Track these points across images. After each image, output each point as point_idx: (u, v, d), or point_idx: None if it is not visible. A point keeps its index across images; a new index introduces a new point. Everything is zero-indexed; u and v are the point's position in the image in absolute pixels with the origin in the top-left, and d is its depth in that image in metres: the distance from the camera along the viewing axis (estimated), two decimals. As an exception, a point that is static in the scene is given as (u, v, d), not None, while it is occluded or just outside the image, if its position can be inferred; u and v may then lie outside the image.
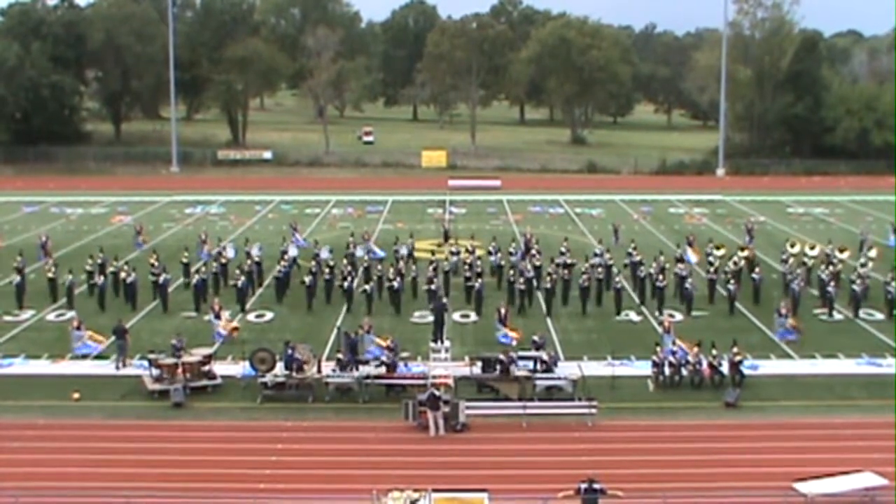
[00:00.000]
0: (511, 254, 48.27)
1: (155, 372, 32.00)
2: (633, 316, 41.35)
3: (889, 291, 41.15)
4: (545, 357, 32.07)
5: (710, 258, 46.35)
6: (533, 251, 47.81)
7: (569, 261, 46.00)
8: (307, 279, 42.30)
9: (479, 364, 31.69)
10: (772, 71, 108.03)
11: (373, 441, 27.78)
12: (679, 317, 40.48)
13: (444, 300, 39.13)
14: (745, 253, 48.63)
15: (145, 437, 28.03)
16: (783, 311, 38.07)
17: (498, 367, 31.14)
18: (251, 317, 41.23)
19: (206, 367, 32.42)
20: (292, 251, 49.58)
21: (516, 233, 58.68)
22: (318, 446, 27.43)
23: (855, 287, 41.78)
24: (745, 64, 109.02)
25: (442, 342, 35.57)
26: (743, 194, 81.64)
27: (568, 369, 32.11)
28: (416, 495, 22.44)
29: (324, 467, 25.93)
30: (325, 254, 47.36)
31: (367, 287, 42.07)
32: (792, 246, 49.16)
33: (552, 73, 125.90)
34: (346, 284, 42.15)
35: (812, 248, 49.13)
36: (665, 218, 68.95)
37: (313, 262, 45.09)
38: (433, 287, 41.35)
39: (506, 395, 30.58)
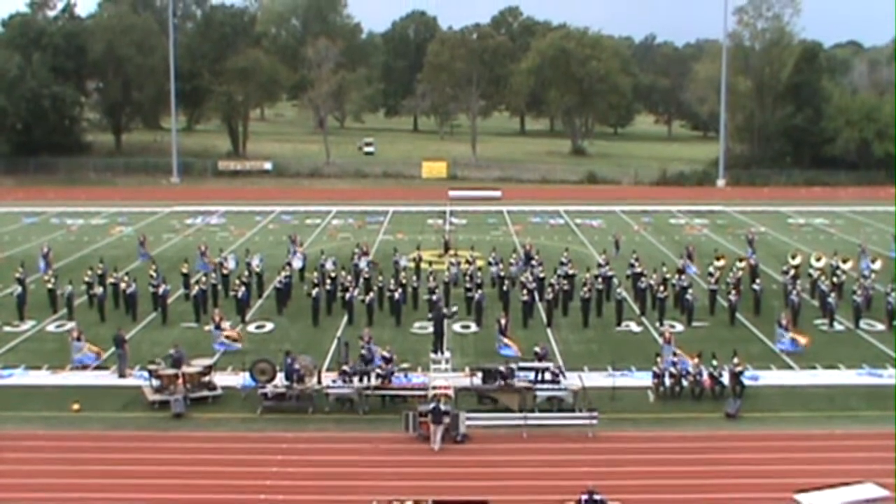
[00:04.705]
0: (511, 265, 48.29)
1: (155, 382, 31.98)
2: (634, 327, 41.33)
3: (889, 302, 41.15)
4: (553, 368, 32.01)
5: (711, 269, 46.34)
6: (534, 262, 47.79)
7: (570, 272, 46.02)
8: (313, 291, 42.21)
9: (480, 375, 31.63)
10: (772, 82, 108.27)
11: (373, 452, 27.74)
12: (680, 327, 40.48)
13: (446, 310, 39.10)
14: (743, 264, 48.66)
15: (145, 447, 27.99)
16: (784, 321, 38.09)
17: (498, 377, 31.11)
18: (252, 327, 41.21)
19: (207, 378, 32.42)
20: (297, 263, 49.63)
21: (517, 244, 58.70)
22: (319, 457, 27.40)
23: (856, 298, 41.78)
24: (746, 75, 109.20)
25: (442, 353, 35.58)
26: (743, 205, 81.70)
27: (568, 380, 32.05)
28: (416, 506, 22.44)
29: (324, 478, 25.88)
30: (329, 265, 47.35)
31: (366, 298, 42.08)
32: (793, 257, 49.16)
33: (552, 83, 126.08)
34: (347, 295, 42.15)
35: (818, 259, 49.11)
36: (665, 229, 68.97)
37: (316, 274, 45.05)
38: (434, 298, 41.34)
39: (506, 405, 30.54)
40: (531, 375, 31.63)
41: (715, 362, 32.70)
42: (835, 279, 45.49)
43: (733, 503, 24.26)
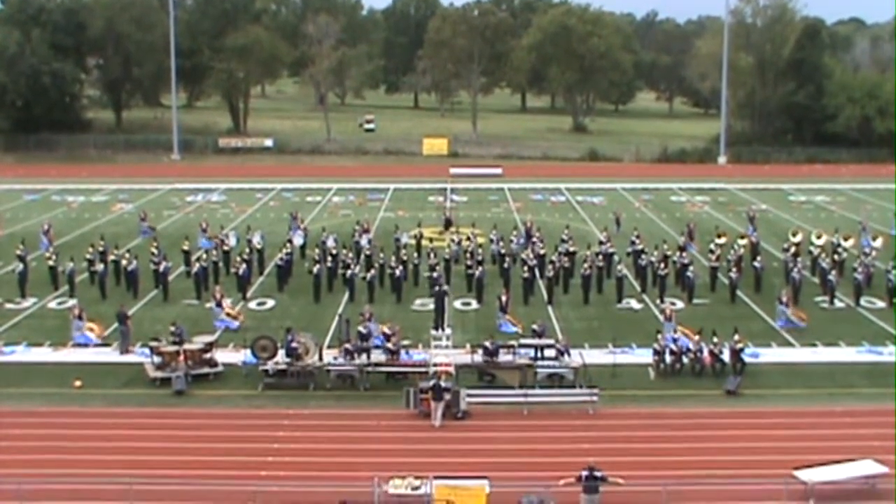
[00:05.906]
0: (512, 242, 48.29)
1: (157, 359, 32.05)
2: (635, 304, 41.36)
3: (890, 279, 41.15)
4: (559, 346, 32.04)
5: (712, 246, 46.33)
6: (535, 239, 47.77)
7: (570, 249, 46.01)
8: (314, 268, 42.24)
9: (481, 351, 31.67)
10: (773, 59, 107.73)
11: (374, 428, 27.83)
12: (680, 305, 40.50)
13: (445, 287, 39.12)
14: (744, 241, 48.65)
15: (147, 424, 28.08)
16: (784, 299, 38.11)
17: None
18: (253, 304, 41.26)
19: (208, 355, 32.48)
20: (297, 240, 49.63)
21: (518, 221, 58.67)
22: (320, 434, 27.50)
23: (857, 275, 41.78)
24: (747, 52, 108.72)
25: (443, 330, 35.61)
26: (744, 182, 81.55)
27: (570, 357, 32.08)
28: (417, 482, 22.53)
29: (325, 455, 25.99)
30: (330, 242, 47.35)
31: (367, 275, 42.10)
32: (794, 235, 49.14)
33: (553, 60, 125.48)
34: (348, 272, 42.17)
35: (819, 237, 49.08)
36: (666, 206, 68.89)
37: (317, 251, 45.04)
38: (434, 275, 41.35)
39: (507, 382, 30.60)
40: (531, 352, 31.70)
41: (716, 339, 32.74)
42: (836, 257, 45.48)
43: (733, 479, 24.31)
